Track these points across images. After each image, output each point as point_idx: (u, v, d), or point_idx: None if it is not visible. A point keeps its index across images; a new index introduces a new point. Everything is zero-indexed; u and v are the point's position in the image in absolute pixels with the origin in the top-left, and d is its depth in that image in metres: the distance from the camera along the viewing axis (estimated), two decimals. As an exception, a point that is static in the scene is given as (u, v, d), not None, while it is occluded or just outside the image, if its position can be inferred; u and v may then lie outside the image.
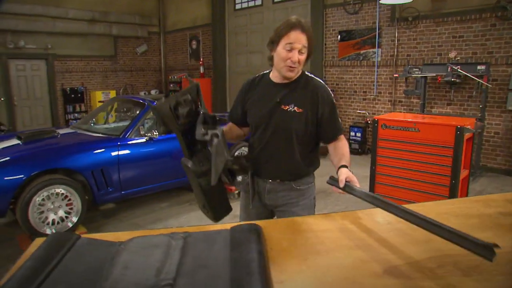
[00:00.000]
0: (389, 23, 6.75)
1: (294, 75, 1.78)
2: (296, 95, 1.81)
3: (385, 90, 7.01)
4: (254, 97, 1.90)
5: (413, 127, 3.73)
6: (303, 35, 1.71)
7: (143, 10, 11.31)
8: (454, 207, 1.66)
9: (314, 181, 2.04)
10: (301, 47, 1.71)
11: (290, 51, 1.71)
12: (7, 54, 9.12)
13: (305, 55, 1.75)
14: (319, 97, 1.80)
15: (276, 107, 1.81)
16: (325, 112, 1.81)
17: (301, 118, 1.79)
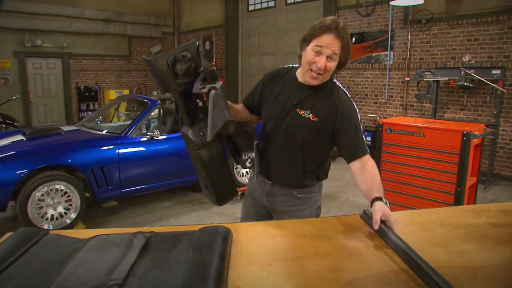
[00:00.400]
0: (402, 25, 6.60)
1: (318, 83, 1.60)
2: (315, 102, 1.65)
3: (397, 94, 6.85)
4: (274, 90, 1.76)
5: (418, 132, 3.61)
6: (337, 41, 1.52)
7: (158, 11, 11.41)
8: (442, 216, 1.58)
9: (320, 190, 1.90)
10: (331, 53, 1.52)
11: (318, 54, 1.53)
12: (24, 53, 9.33)
13: (335, 63, 1.55)
14: (338, 111, 1.62)
15: (292, 108, 1.67)
16: (343, 128, 1.62)
17: (314, 127, 1.64)
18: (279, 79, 1.77)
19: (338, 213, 4.52)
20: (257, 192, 1.90)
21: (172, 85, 1.52)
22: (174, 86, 1.53)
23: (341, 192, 5.26)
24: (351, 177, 6.15)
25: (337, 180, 5.80)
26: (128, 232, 1.34)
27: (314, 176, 1.80)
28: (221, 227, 1.36)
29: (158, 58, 1.49)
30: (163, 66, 1.48)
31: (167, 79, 1.51)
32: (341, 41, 1.53)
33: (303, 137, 1.66)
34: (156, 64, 1.49)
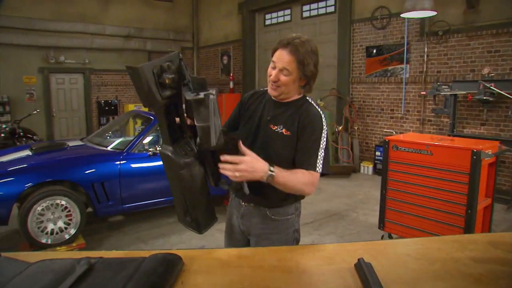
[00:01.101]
0: (418, 37, 6.40)
1: (277, 94, 1.65)
2: (287, 117, 1.66)
3: (414, 108, 6.61)
4: (250, 109, 1.78)
5: (426, 149, 3.42)
6: (289, 56, 1.55)
7: (177, 27, 11.63)
8: (420, 248, 1.43)
9: (298, 213, 1.84)
10: (282, 67, 1.57)
11: (274, 68, 1.61)
12: (49, 69, 9.70)
13: (288, 77, 1.58)
14: (305, 122, 1.62)
15: (266, 124, 1.70)
16: (303, 137, 1.62)
17: (286, 141, 1.64)
18: (255, 99, 1.80)
19: (345, 232, 4.34)
20: (234, 217, 1.89)
21: (156, 98, 1.41)
22: (158, 99, 1.42)
23: (351, 210, 5.06)
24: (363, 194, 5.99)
25: (348, 198, 5.61)
26: (74, 258, 1.29)
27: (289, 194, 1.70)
28: (171, 255, 1.29)
29: (144, 66, 1.37)
30: (149, 76, 1.37)
31: (151, 91, 1.39)
32: (295, 56, 1.55)
33: (277, 151, 1.66)
34: (143, 72, 1.35)
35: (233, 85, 10.69)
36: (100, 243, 4.12)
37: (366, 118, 7.40)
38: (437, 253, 1.37)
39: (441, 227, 3.36)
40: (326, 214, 4.94)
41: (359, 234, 4.25)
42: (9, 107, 9.05)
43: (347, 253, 1.38)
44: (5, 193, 3.47)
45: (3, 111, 8.98)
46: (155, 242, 4.14)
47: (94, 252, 1.42)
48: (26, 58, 9.37)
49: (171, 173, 1.60)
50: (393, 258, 1.34)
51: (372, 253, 1.37)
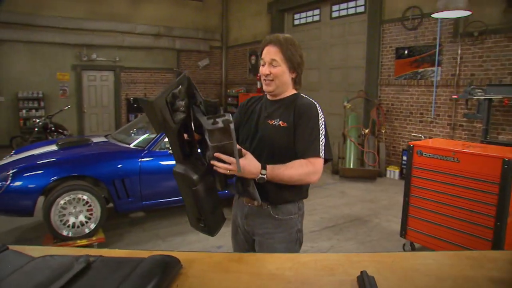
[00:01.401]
0: (451, 39, 6.13)
1: (272, 89, 1.74)
2: (282, 111, 1.76)
3: (444, 112, 6.34)
4: (248, 112, 1.89)
5: (452, 156, 3.25)
6: (275, 48, 1.69)
7: (207, 26, 11.74)
8: (432, 263, 1.33)
9: (301, 213, 1.85)
10: (270, 59, 1.69)
11: (264, 65, 1.73)
12: (81, 66, 10.03)
13: (278, 68, 1.70)
14: (300, 111, 1.71)
15: (264, 121, 1.79)
16: (300, 126, 1.69)
17: (284, 132, 1.71)
18: (253, 102, 1.91)
19: (365, 239, 4.21)
20: (238, 217, 1.91)
21: (170, 124, 1.42)
22: (172, 126, 1.43)
23: (374, 216, 4.91)
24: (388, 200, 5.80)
25: (372, 203, 5.46)
26: (75, 255, 1.30)
27: (292, 188, 1.73)
28: (169, 257, 1.28)
29: (158, 99, 1.38)
30: (163, 106, 1.39)
31: (166, 120, 1.40)
32: (279, 47, 1.68)
33: (277, 144, 1.72)
34: (157, 105, 1.37)
35: (260, 85, 10.66)
36: (119, 238, 4.19)
37: (394, 121, 7.18)
38: (449, 270, 1.28)
39: (468, 238, 3.19)
40: (347, 219, 4.82)
41: (379, 241, 4.11)
42: (43, 102, 9.41)
43: (351, 264, 1.31)
44: (32, 185, 3.59)
45: (37, 107, 9.35)
46: (172, 240, 4.17)
47: (95, 250, 1.42)
48: (60, 55, 9.73)
49: (185, 190, 1.61)
50: (400, 272, 1.26)
51: (378, 266, 1.30)
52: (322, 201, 5.48)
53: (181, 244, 4.07)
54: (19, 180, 3.60)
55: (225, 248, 3.95)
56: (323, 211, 5.04)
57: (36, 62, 9.49)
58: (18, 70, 9.29)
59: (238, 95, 11.32)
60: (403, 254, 1.42)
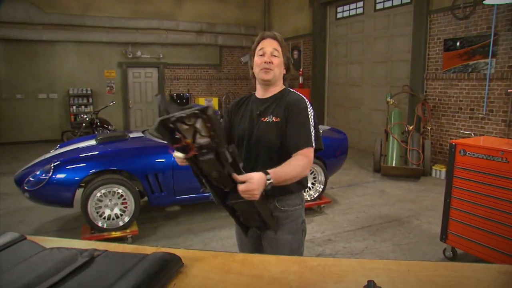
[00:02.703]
0: (510, 27, 5.62)
1: (271, 77, 1.78)
2: (274, 107, 1.81)
3: (499, 108, 5.85)
4: (238, 114, 1.92)
5: (500, 156, 2.97)
6: (274, 41, 1.79)
7: (248, 21, 11.73)
8: (453, 275, 1.19)
9: (303, 204, 1.93)
10: (272, 49, 1.77)
11: (263, 55, 1.78)
12: (127, 63, 10.41)
13: (279, 59, 1.78)
14: (290, 105, 1.77)
15: (257, 119, 1.82)
16: (290, 119, 1.75)
17: (278, 127, 1.77)
18: (242, 103, 1.94)
19: (402, 241, 3.98)
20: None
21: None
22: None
23: (414, 217, 4.64)
24: (431, 200, 5.48)
25: (413, 203, 5.17)
26: (81, 248, 1.33)
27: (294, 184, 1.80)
28: (170, 255, 1.27)
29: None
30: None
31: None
32: (277, 41, 1.80)
33: (273, 140, 1.77)
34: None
35: (302, 80, 10.49)
36: (153, 231, 4.28)
37: (441, 117, 6.75)
38: (473, 285, 1.14)
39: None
40: (385, 219, 4.59)
41: (418, 245, 3.87)
42: (92, 99, 9.89)
43: (362, 272, 1.21)
44: (71, 177, 3.75)
45: (87, 103, 9.84)
46: (204, 235, 4.20)
47: (102, 244, 1.43)
48: (107, 54, 10.16)
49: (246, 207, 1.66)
50: (414, 283, 1.14)
51: (392, 275, 1.19)
52: (359, 200, 5.27)
53: (213, 239, 4.08)
54: (60, 172, 3.77)
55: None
56: (360, 210, 4.84)
57: (85, 60, 9.98)
58: (69, 69, 9.83)
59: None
60: (421, 263, 1.29)
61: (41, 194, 3.77)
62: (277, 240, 1.81)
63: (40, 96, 9.66)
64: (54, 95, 9.78)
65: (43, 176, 3.77)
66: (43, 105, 9.73)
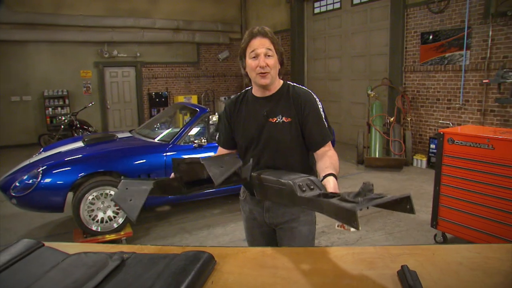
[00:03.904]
0: (482, 20, 5.86)
1: (269, 81, 1.69)
2: (281, 106, 1.74)
3: (474, 98, 6.10)
4: (240, 116, 1.82)
5: (486, 143, 3.11)
6: (266, 40, 1.66)
7: (225, 18, 11.68)
8: (477, 257, 1.26)
9: None
10: (265, 50, 1.65)
11: (256, 58, 1.66)
12: (103, 63, 10.17)
13: (273, 58, 1.68)
14: (301, 102, 1.71)
15: (264, 121, 1.74)
16: (307, 117, 1.70)
17: (290, 127, 1.72)
18: (239, 104, 1.84)
19: (394, 229, 4.12)
20: (255, 212, 1.91)
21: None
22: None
23: (402, 206, 4.79)
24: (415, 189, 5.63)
25: (398, 192, 5.26)
26: (108, 252, 1.30)
27: (310, 171, 1.80)
28: (202, 253, 1.27)
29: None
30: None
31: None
32: (268, 38, 1.67)
33: (282, 141, 1.73)
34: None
35: (281, 76, 10.53)
36: (146, 232, 4.24)
37: (420, 108, 6.97)
38: (498, 264, 1.21)
39: (504, 228, 3.05)
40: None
41: (409, 232, 4.01)
42: (68, 100, 9.61)
43: (390, 257, 1.26)
44: (61, 182, 3.67)
45: (63, 104, 9.56)
46: (199, 233, 4.19)
47: (129, 246, 1.42)
48: (82, 53, 9.88)
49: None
50: (443, 266, 1.20)
51: (419, 259, 1.24)
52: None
53: (208, 238, 4.08)
54: (48, 177, 3.68)
55: (252, 241, 3.94)
56: (349, 202, 4.95)
57: (59, 61, 9.67)
58: (42, 70, 9.49)
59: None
60: (444, 247, 1.35)
61: (30, 200, 3.66)
62: (293, 232, 1.82)
63: (13, 99, 9.30)
64: (28, 98, 9.44)
65: (31, 181, 3.66)
66: (16, 108, 9.37)
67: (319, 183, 1.37)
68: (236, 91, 12.42)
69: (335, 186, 1.43)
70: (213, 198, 4.93)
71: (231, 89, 12.41)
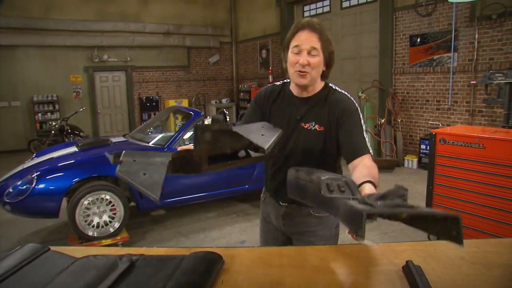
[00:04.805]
0: (468, 23, 6.00)
1: (307, 82, 1.54)
2: (317, 111, 1.59)
3: (462, 99, 6.23)
4: (275, 110, 1.67)
5: (477, 143, 3.19)
6: (313, 35, 1.48)
7: (215, 22, 11.71)
8: (476, 251, 1.31)
9: None
10: (310, 48, 1.48)
11: (298, 54, 1.50)
12: (93, 67, 10.11)
13: (318, 58, 1.50)
14: (338, 110, 1.54)
15: (296, 125, 1.61)
16: (344, 125, 1.53)
17: (322, 137, 1.57)
18: (275, 97, 1.69)
19: (388, 228, 4.18)
20: (271, 216, 1.82)
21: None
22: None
23: (395, 206, 4.86)
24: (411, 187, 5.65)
25: (391, 193, 5.40)
26: (117, 254, 1.31)
27: None
28: (211, 253, 1.28)
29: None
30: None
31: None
32: (317, 33, 1.48)
33: (311, 152, 1.59)
34: None
35: (272, 79, 10.61)
36: (142, 236, 4.23)
37: (410, 110, 7.08)
38: (496, 258, 1.25)
39: (496, 225, 3.14)
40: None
41: (403, 231, 4.07)
42: (58, 105, 9.52)
43: (394, 254, 1.30)
44: (56, 187, 3.65)
45: (53, 109, 9.46)
46: (195, 237, 4.19)
47: (136, 249, 1.43)
48: (72, 58, 9.80)
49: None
50: (445, 261, 1.24)
51: (422, 255, 1.28)
52: (341, 193, 5.44)
53: (204, 241, 4.09)
54: (43, 182, 3.65)
55: (248, 243, 3.96)
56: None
57: (49, 65, 9.58)
58: (32, 75, 9.39)
59: (250, 90, 11.30)
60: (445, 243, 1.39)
61: (24, 206, 3.63)
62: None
63: (1, 104, 9.16)
64: (16, 103, 9.31)
65: (25, 187, 3.63)
66: (5, 113, 9.23)
67: (353, 187, 1.14)
68: (227, 94, 12.45)
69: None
70: (208, 202, 4.94)
71: (222, 92, 12.43)
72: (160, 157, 1.19)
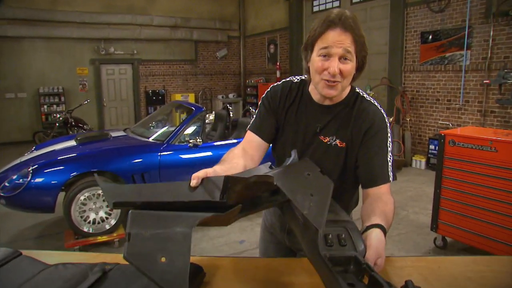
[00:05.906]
0: (483, 20, 5.78)
1: (336, 93, 1.25)
2: (340, 124, 1.33)
3: (474, 98, 6.02)
4: (290, 118, 1.40)
5: (489, 145, 3.03)
6: (347, 36, 1.17)
7: (224, 15, 11.57)
8: (485, 270, 1.17)
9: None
10: (343, 52, 1.17)
11: (327, 59, 1.19)
12: (99, 60, 10.06)
13: (350, 64, 1.20)
14: (365, 124, 1.28)
15: (314, 136, 1.35)
16: (367, 144, 1.28)
17: (342, 154, 1.33)
18: (291, 103, 1.41)
19: (393, 232, 4.03)
20: (275, 227, 1.64)
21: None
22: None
23: (401, 208, 4.72)
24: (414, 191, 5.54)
25: (398, 194, 5.25)
26: (90, 263, 1.22)
27: (342, 203, 1.36)
28: (191, 265, 1.16)
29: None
30: None
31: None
32: (351, 33, 1.17)
33: (331, 167, 1.33)
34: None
35: (280, 75, 10.47)
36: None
37: (420, 109, 6.89)
38: (508, 279, 1.12)
39: (506, 233, 2.98)
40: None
41: (408, 235, 3.93)
42: (64, 97, 9.49)
43: (393, 270, 1.17)
44: (52, 181, 3.56)
45: (58, 102, 9.44)
46: (193, 235, 4.05)
47: (112, 256, 1.33)
48: (78, 50, 9.76)
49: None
50: (449, 281, 1.11)
51: (423, 273, 1.15)
52: (345, 193, 5.31)
53: (202, 240, 3.99)
54: (39, 176, 3.58)
55: (247, 243, 3.86)
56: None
57: (56, 57, 9.55)
58: (38, 66, 9.37)
59: (257, 85, 11.17)
60: (450, 259, 1.27)
61: (19, 200, 3.56)
62: None
63: (7, 95, 9.17)
64: (23, 94, 9.31)
65: (21, 181, 3.56)
66: (11, 105, 9.24)
67: (357, 241, 0.96)
68: (234, 89, 12.33)
69: (378, 249, 0.98)
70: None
71: (229, 87, 12.32)
72: (182, 226, 0.90)
